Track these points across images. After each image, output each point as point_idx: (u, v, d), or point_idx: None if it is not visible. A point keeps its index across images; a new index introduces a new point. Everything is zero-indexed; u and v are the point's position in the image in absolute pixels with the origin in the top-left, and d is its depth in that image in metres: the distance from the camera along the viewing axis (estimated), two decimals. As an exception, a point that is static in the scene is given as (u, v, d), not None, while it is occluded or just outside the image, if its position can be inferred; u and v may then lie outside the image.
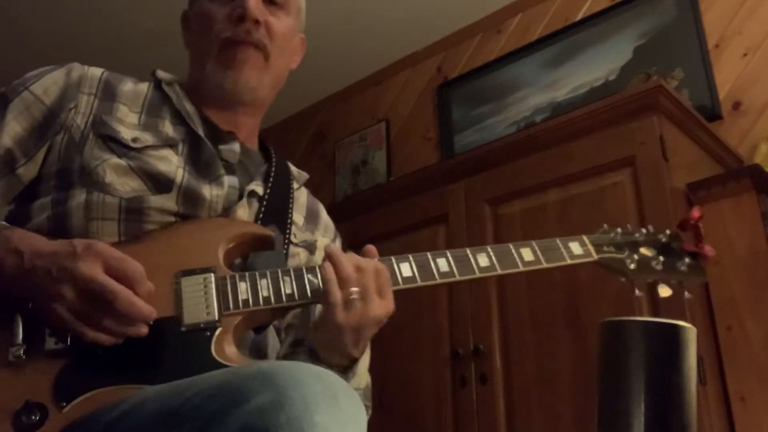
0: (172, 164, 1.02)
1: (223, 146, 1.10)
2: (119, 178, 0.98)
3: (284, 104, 3.50)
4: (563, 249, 1.12)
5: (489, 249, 1.08)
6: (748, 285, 1.62)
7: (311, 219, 1.23)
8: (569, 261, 1.12)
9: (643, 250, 1.17)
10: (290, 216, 1.15)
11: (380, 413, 1.17)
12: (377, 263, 0.98)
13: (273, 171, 1.16)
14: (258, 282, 0.95)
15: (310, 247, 1.18)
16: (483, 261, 1.06)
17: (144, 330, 0.86)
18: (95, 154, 0.99)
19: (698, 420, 0.78)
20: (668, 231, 1.21)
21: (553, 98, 2.65)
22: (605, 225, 1.21)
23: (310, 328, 1.06)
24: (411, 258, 1.03)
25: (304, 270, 0.98)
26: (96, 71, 1.09)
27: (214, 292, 0.93)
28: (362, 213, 2.30)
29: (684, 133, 1.84)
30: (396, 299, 0.99)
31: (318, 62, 3.06)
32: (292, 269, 0.98)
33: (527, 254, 1.09)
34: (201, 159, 1.05)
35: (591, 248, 1.14)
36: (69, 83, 1.05)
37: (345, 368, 1.00)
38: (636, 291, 1.15)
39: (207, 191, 1.03)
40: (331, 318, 0.93)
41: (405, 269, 1.02)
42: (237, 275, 0.95)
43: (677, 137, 1.81)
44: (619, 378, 0.77)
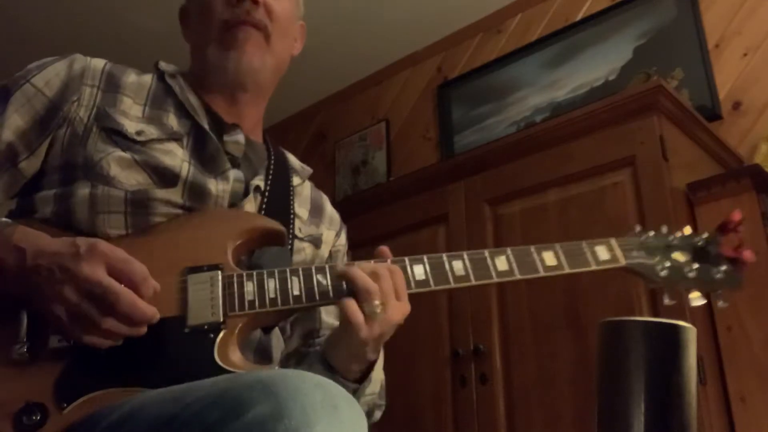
0: (178, 158, 1.00)
1: (228, 138, 1.08)
2: (123, 172, 0.96)
3: (284, 104, 3.50)
4: (589, 254, 1.05)
5: (509, 251, 1.02)
6: (748, 285, 1.60)
7: (316, 212, 1.21)
8: (594, 267, 1.04)
9: (676, 255, 1.09)
10: (292, 210, 1.13)
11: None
12: (390, 265, 0.96)
13: (272, 165, 1.14)
14: (265, 282, 0.93)
15: (316, 242, 1.16)
16: (502, 265, 1.01)
17: (143, 331, 0.84)
18: (99, 147, 0.98)
19: (698, 420, 0.78)
20: (705, 234, 1.12)
21: (553, 98, 2.64)
22: (638, 226, 1.12)
23: (326, 341, 1.04)
24: (425, 259, 0.99)
25: (313, 270, 0.96)
26: (99, 62, 1.08)
27: (220, 292, 0.91)
28: (362, 213, 2.29)
29: (684, 133, 1.84)
30: (407, 295, 0.97)
31: (318, 62, 3.06)
32: (301, 269, 0.96)
33: (549, 258, 1.03)
34: (206, 152, 1.04)
35: (619, 253, 1.06)
36: (71, 75, 1.04)
37: (363, 374, 1.00)
38: (666, 299, 1.08)
39: (213, 186, 1.01)
40: (356, 336, 0.92)
41: (418, 272, 0.98)
42: (244, 274, 0.93)
43: (677, 137, 1.80)
44: (619, 378, 0.77)
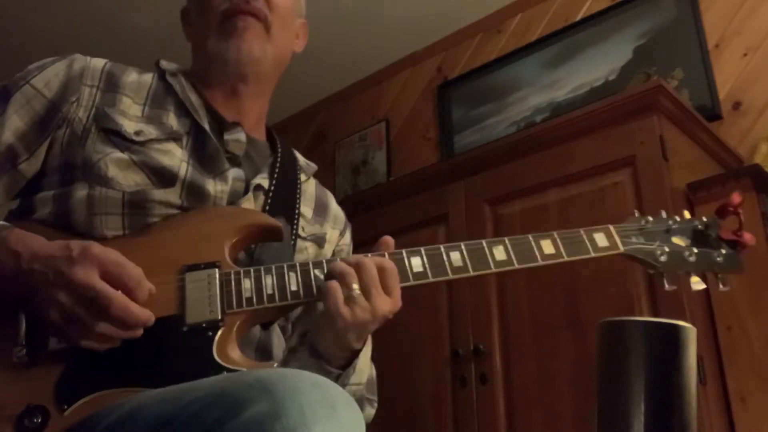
0: (176, 158, 1.00)
1: (229, 136, 1.07)
2: (121, 173, 0.96)
3: (284, 104, 3.50)
4: (587, 241, 1.05)
5: (506, 241, 1.01)
6: (748, 285, 1.61)
7: (320, 211, 1.21)
8: (593, 254, 1.04)
9: (676, 240, 1.08)
10: (298, 209, 1.13)
11: (380, 413, 1.17)
12: (383, 261, 0.95)
13: (278, 163, 1.13)
14: (263, 279, 0.93)
15: (319, 241, 1.16)
16: (500, 255, 1.00)
17: (139, 333, 0.84)
18: (97, 148, 0.98)
19: (698, 420, 0.78)
20: (705, 218, 1.12)
21: (553, 98, 2.64)
22: (636, 212, 1.12)
23: (312, 325, 1.04)
24: (423, 251, 0.99)
25: (311, 265, 0.96)
26: (98, 62, 1.08)
27: (218, 290, 0.91)
28: (362, 213, 2.29)
29: (684, 133, 1.84)
30: (400, 292, 0.97)
31: (318, 62, 3.06)
32: (299, 264, 0.96)
33: (547, 247, 1.02)
34: (205, 152, 1.03)
35: (617, 240, 1.06)
36: (71, 75, 1.04)
37: (347, 362, 0.99)
38: (666, 285, 1.07)
39: (211, 186, 1.01)
40: (333, 315, 0.92)
41: (416, 264, 0.98)
42: (242, 271, 0.93)
43: (677, 137, 1.80)
44: (619, 378, 0.77)
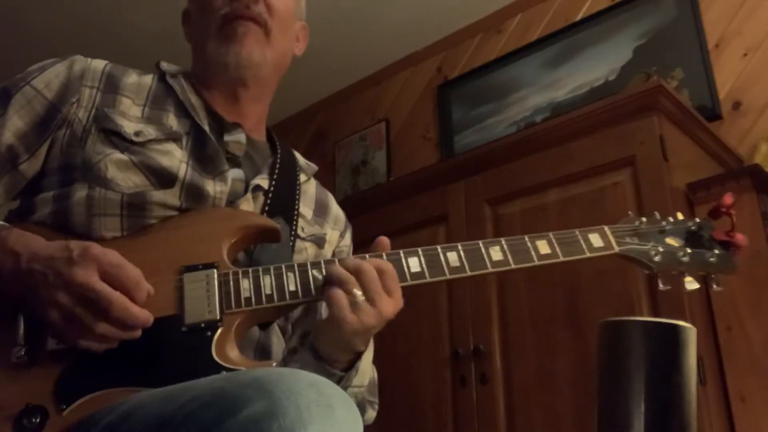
0: (176, 158, 1.00)
1: (229, 137, 1.08)
2: (121, 174, 0.97)
3: (284, 104, 3.50)
4: (582, 241, 1.06)
5: (503, 241, 1.03)
6: (748, 285, 1.61)
7: (320, 212, 1.21)
8: (588, 254, 1.05)
9: (670, 240, 1.09)
10: (297, 209, 1.13)
11: (380, 413, 1.17)
12: (381, 263, 0.96)
13: (278, 163, 1.14)
14: (261, 279, 0.93)
15: (319, 241, 1.16)
16: (496, 255, 1.01)
17: (137, 334, 0.85)
18: (97, 149, 0.98)
19: (698, 420, 0.78)
20: (697, 219, 1.14)
21: (553, 98, 2.64)
22: (630, 213, 1.13)
23: (315, 328, 1.05)
24: (420, 252, 1.00)
25: (309, 266, 0.96)
26: (99, 63, 1.08)
27: (216, 290, 0.91)
28: (362, 213, 2.29)
29: (684, 133, 1.84)
30: (401, 292, 0.97)
31: (318, 62, 3.06)
32: (297, 264, 0.96)
33: (543, 247, 1.04)
34: (205, 153, 1.04)
35: (612, 240, 1.07)
36: (71, 76, 1.04)
37: (349, 364, 0.99)
38: (660, 285, 1.08)
39: (210, 187, 1.01)
40: (340, 322, 0.92)
41: (413, 264, 0.99)
42: (240, 272, 0.94)
43: (677, 137, 1.80)
44: (619, 378, 0.77)
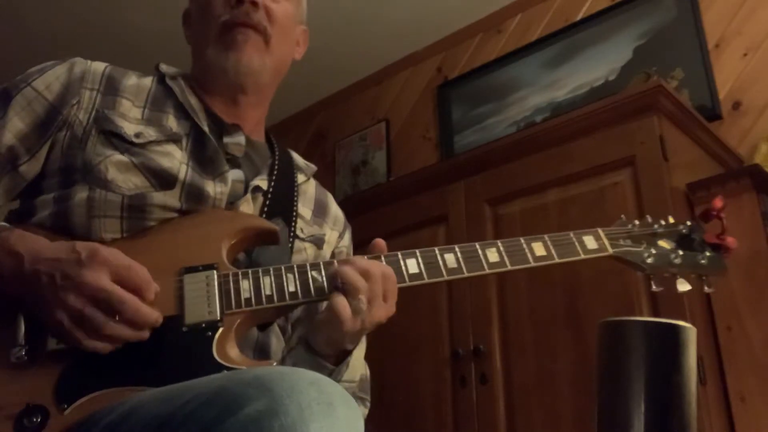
0: (176, 160, 1.01)
1: (228, 139, 1.08)
2: (122, 175, 0.97)
3: (284, 104, 3.50)
4: (577, 243, 1.08)
5: (499, 243, 1.04)
6: (748, 285, 1.61)
7: (319, 212, 1.21)
8: (583, 256, 1.07)
9: (662, 243, 1.12)
10: (295, 210, 1.14)
11: (380, 413, 1.17)
12: (384, 268, 0.96)
13: (276, 164, 1.14)
14: (261, 280, 0.94)
15: (318, 242, 1.16)
16: (492, 256, 1.03)
17: (147, 334, 0.85)
18: (98, 151, 0.98)
19: (698, 420, 0.78)
20: (689, 222, 1.16)
21: (553, 98, 2.64)
22: (622, 216, 1.16)
23: (312, 326, 1.05)
24: (418, 253, 1.01)
25: (308, 267, 0.97)
26: (99, 66, 1.09)
27: (216, 291, 0.92)
28: (362, 213, 2.29)
29: (684, 133, 1.84)
30: (396, 298, 0.98)
31: (318, 62, 3.06)
32: (296, 265, 0.97)
33: (539, 249, 1.05)
34: (205, 154, 1.04)
35: (606, 242, 1.09)
36: (71, 78, 1.04)
37: (340, 359, 1.00)
38: (653, 286, 1.10)
39: (210, 187, 1.01)
40: (339, 328, 0.93)
41: (411, 266, 1.00)
42: (240, 273, 0.94)
43: (677, 137, 1.80)
44: (619, 378, 0.77)
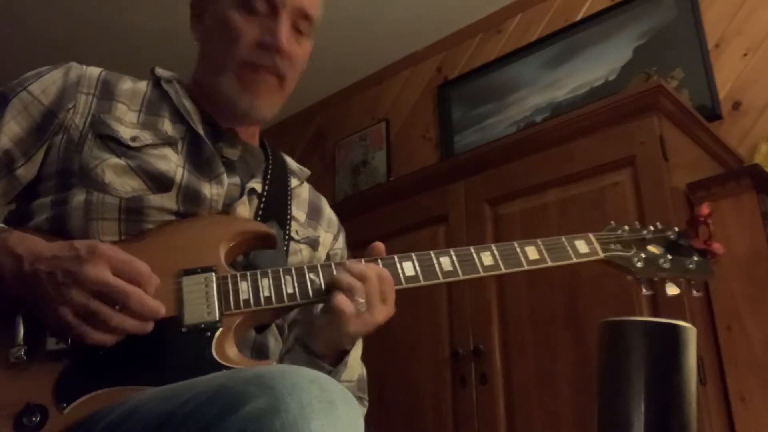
0: (172, 163, 1.01)
1: (224, 143, 1.09)
2: (119, 178, 0.98)
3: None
4: (569, 248, 1.11)
5: (493, 247, 1.07)
6: (748, 285, 1.62)
7: (313, 215, 1.23)
8: (575, 260, 1.10)
9: (651, 248, 1.16)
10: (289, 212, 1.15)
11: (380, 413, 1.17)
12: (380, 270, 0.98)
13: (270, 168, 1.16)
14: (259, 281, 0.95)
15: (313, 243, 1.17)
16: (487, 260, 1.05)
17: (150, 327, 0.86)
18: (94, 154, 0.99)
19: (698, 420, 0.78)
20: (676, 228, 1.19)
21: (553, 98, 2.64)
22: (612, 222, 1.19)
23: (309, 328, 1.06)
24: (414, 256, 1.03)
25: (306, 269, 0.98)
26: (94, 71, 1.09)
27: (215, 292, 0.93)
28: (362, 213, 2.29)
29: (684, 133, 1.84)
30: (396, 299, 1.00)
31: (318, 62, 3.04)
32: (294, 268, 0.98)
33: (532, 253, 1.08)
34: (201, 157, 1.05)
35: (597, 246, 1.13)
36: (67, 83, 1.05)
37: (338, 360, 1.01)
38: (643, 290, 1.14)
39: (207, 190, 1.02)
40: (340, 329, 0.95)
41: (408, 268, 1.02)
42: (238, 274, 0.95)
43: (677, 137, 1.80)
44: (619, 378, 0.77)
